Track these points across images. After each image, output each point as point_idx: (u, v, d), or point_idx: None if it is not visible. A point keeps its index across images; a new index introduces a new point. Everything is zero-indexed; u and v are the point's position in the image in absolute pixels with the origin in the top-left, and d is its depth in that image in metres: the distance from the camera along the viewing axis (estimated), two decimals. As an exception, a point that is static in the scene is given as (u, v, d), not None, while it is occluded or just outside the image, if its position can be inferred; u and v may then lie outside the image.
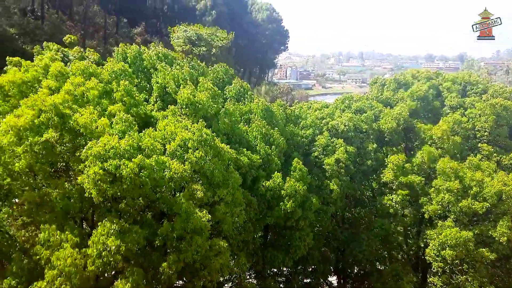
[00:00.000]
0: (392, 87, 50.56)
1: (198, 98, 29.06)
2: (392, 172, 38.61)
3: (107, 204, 20.79)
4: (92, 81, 24.54)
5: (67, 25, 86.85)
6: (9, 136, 18.51)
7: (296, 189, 31.35)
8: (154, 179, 19.99)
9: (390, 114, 42.90)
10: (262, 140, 33.25)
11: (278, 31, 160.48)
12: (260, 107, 35.95)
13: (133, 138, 20.38)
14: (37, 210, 19.48)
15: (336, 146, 39.39)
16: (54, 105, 19.64)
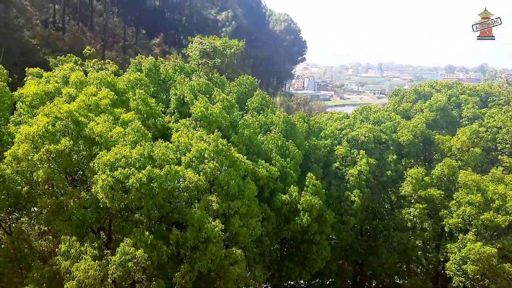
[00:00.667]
0: (411, 98, 50.12)
1: (210, 111, 29.19)
2: (411, 185, 38.02)
3: (124, 214, 20.90)
4: (103, 90, 24.86)
5: (87, 36, 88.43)
6: (24, 145, 18.80)
7: (312, 204, 31.13)
8: (166, 189, 20.00)
9: (407, 126, 42.44)
10: (278, 153, 33.18)
11: (296, 42, 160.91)
12: (281, 119, 35.92)
13: (145, 148, 20.45)
14: (54, 219, 19.64)
15: (356, 157, 39.10)
16: (69, 113, 19.93)
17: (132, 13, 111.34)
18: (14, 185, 19.38)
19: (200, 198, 23.02)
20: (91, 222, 20.07)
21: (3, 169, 18.59)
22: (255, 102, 38.26)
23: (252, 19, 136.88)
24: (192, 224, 21.02)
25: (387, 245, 40.44)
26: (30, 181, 19.59)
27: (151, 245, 19.11)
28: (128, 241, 18.78)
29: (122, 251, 18.57)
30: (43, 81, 26.95)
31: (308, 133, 40.61)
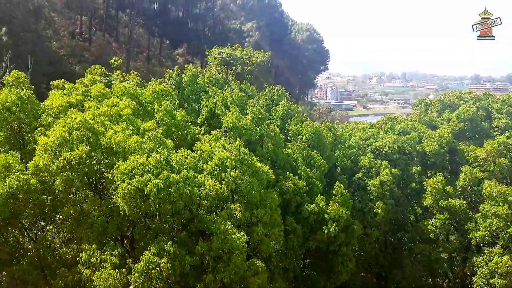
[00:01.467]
0: (437, 109, 49.35)
1: (242, 123, 29.28)
2: (431, 195, 37.28)
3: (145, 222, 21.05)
4: (125, 100, 25.19)
5: (113, 46, 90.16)
6: (44, 156, 19.16)
7: (339, 214, 30.77)
8: (185, 195, 20.00)
9: (433, 136, 41.77)
10: (304, 163, 33.01)
11: (318, 52, 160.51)
12: (309, 130, 35.79)
13: (161, 155, 20.61)
14: (76, 227, 19.87)
15: (380, 168, 38.60)
16: (83, 122, 20.23)
17: (157, 24, 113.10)
18: (39, 195, 19.69)
19: (222, 207, 22.99)
20: (112, 230, 20.23)
21: (28, 179, 18.93)
22: (280, 110, 38.27)
23: (275, 29, 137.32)
24: (217, 234, 20.89)
25: (411, 257, 39.65)
26: (53, 190, 19.87)
27: (174, 254, 19.06)
28: (153, 250, 18.78)
29: (146, 259, 18.56)
30: (66, 93, 27.53)
31: (334, 143, 40.35)
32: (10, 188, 18.22)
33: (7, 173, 19.03)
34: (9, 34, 49.36)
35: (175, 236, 21.46)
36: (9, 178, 18.42)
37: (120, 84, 30.11)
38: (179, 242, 21.16)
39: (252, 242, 23.27)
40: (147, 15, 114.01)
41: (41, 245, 21.17)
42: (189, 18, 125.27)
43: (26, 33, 52.59)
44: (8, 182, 18.29)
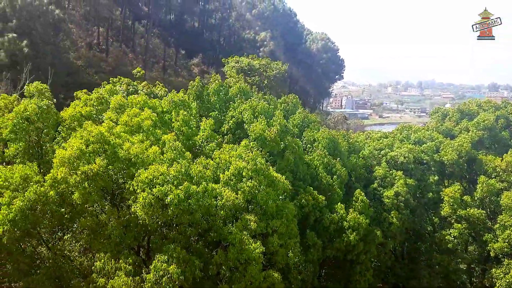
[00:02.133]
0: (455, 117, 48.82)
1: (267, 134, 29.42)
2: (449, 205, 36.78)
3: (161, 232, 21.16)
4: (146, 111, 25.39)
5: (129, 57, 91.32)
6: (62, 169, 19.31)
7: (359, 222, 30.59)
8: (204, 206, 20.03)
9: (451, 146, 41.24)
10: (324, 170, 32.99)
11: (333, 61, 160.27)
12: (325, 137, 35.82)
13: (182, 165, 20.63)
14: (94, 237, 20.02)
15: (395, 178, 38.31)
16: (100, 135, 20.42)
17: (172, 34, 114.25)
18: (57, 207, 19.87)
19: (238, 217, 23.04)
20: (129, 241, 20.31)
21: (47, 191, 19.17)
22: (297, 119, 38.40)
23: (290, 38, 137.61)
24: (233, 244, 20.83)
25: (429, 268, 39.12)
26: (71, 202, 20.08)
27: (183, 260, 19.00)
28: (160, 258, 18.79)
29: (155, 267, 18.60)
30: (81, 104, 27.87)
31: (349, 151, 40.29)
32: (29, 201, 18.42)
33: (25, 184, 19.26)
34: (30, 46, 50.38)
35: (190, 246, 21.51)
36: (28, 191, 18.62)
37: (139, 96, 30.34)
38: (195, 252, 21.21)
39: (267, 252, 23.20)
40: (163, 26, 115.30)
41: (57, 255, 21.38)
42: (204, 29, 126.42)
43: (46, 45, 53.60)
44: (27, 195, 18.50)
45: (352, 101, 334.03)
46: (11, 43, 49.19)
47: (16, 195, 18.78)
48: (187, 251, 20.82)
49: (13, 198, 18.58)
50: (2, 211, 18.33)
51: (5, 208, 18.30)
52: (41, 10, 53.35)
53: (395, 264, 39.53)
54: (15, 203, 18.27)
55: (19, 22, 51.33)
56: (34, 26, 52.23)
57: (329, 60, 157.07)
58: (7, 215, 18.14)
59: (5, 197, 18.69)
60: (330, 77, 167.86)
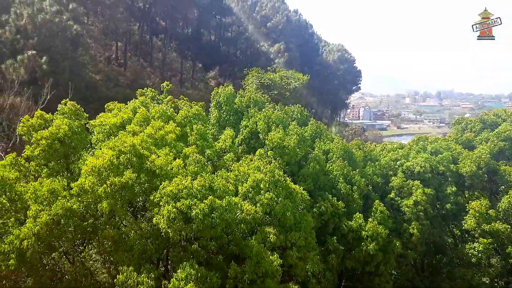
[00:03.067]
0: (477, 128, 48.27)
1: (286, 143, 29.53)
2: (474, 219, 36.30)
3: (182, 245, 21.33)
4: (171, 125, 25.77)
5: (147, 71, 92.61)
6: (90, 178, 19.58)
7: (378, 231, 30.45)
8: (226, 220, 20.11)
9: (470, 157, 40.78)
10: (344, 180, 33.04)
11: (350, 72, 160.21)
12: (339, 147, 35.87)
13: (205, 179, 20.76)
14: (116, 249, 20.27)
15: (412, 188, 38.03)
16: (132, 146, 20.74)
17: (189, 48, 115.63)
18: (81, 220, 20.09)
19: (257, 230, 23.12)
20: (151, 253, 20.51)
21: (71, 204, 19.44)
22: (309, 130, 38.50)
23: (306, 49, 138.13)
24: (250, 257, 20.92)
25: (450, 282, 38.51)
26: (95, 213, 20.33)
27: (201, 277, 19.05)
28: (178, 276, 18.82)
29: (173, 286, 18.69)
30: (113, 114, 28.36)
31: (365, 161, 40.25)
32: (55, 215, 18.68)
33: (52, 198, 19.51)
34: (49, 63, 51.59)
35: (210, 259, 21.60)
36: (54, 205, 18.86)
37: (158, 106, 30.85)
38: (215, 265, 21.31)
39: (286, 265, 23.21)
40: (180, 40, 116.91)
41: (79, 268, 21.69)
42: (221, 42, 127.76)
43: (65, 61, 54.73)
44: (54, 208, 18.75)
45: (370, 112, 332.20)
46: (31, 60, 50.44)
47: (42, 208, 19.05)
48: (207, 264, 20.95)
49: (39, 212, 18.83)
50: (27, 224, 18.57)
51: (31, 221, 18.52)
52: (60, 26, 54.68)
53: (415, 276, 39.01)
54: (41, 217, 18.52)
55: (39, 39, 52.65)
56: (54, 42, 53.49)
57: (346, 71, 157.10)
58: (32, 228, 18.33)
59: (32, 210, 18.92)
60: (347, 88, 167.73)
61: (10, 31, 53.84)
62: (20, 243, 18.36)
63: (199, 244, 20.72)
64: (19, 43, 53.05)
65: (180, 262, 20.15)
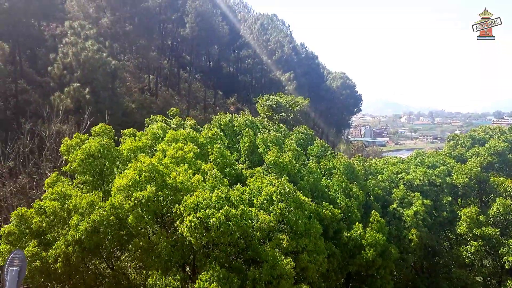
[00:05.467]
0: (467, 143, 47.71)
1: (282, 160, 29.37)
2: (466, 224, 35.68)
3: (204, 251, 21.11)
4: (189, 145, 25.90)
5: (175, 99, 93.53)
6: (119, 196, 19.76)
7: (376, 239, 29.78)
8: (242, 227, 19.95)
9: (462, 170, 40.25)
10: (343, 194, 32.50)
11: (352, 96, 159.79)
12: (342, 163, 35.43)
13: (222, 191, 20.78)
14: (146, 256, 20.19)
15: (412, 199, 37.50)
16: (151, 165, 20.86)
17: (211, 78, 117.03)
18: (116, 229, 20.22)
19: (271, 237, 22.81)
20: (177, 259, 20.41)
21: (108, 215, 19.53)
22: (315, 149, 38.12)
23: (312, 77, 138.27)
24: (266, 261, 20.62)
25: (447, 281, 37.52)
26: (126, 224, 20.40)
27: (223, 278, 18.84)
28: (202, 277, 18.65)
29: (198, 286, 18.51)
30: (137, 138, 28.68)
31: (366, 175, 39.68)
32: (94, 222, 18.86)
33: (91, 209, 19.74)
34: (91, 93, 52.37)
35: (230, 263, 21.33)
36: (93, 214, 19.08)
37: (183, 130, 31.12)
38: (235, 268, 21.03)
39: (298, 268, 22.78)
40: (204, 72, 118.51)
41: (117, 272, 21.62)
42: (239, 72, 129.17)
43: (105, 91, 55.54)
44: (92, 217, 18.95)
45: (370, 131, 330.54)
46: (76, 91, 51.26)
47: (83, 218, 19.30)
48: (228, 268, 20.66)
49: (80, 221, 19.08)
50: (70, 232, 18.85)
51: (74, 229, 18.81)
52: (101, 62, 55.60)
53: (416, 277, 38.14)
54: (82, 225, 18.75)
55: (82, 73, 53.60)
56: (95, 76, 54.37)
57: (348, 95, 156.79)
58: (74, 235, 18.62)
59: (74, 219, 19.24)
60: (349, 110, 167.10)
61: (58, 67, 55.01)
62: (66, 248, 18.56)
63: (219, 249, 20.47)
64: (65, 77, 54.08)
65: (204, 266, 19.96)
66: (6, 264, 14.44)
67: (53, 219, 20.16)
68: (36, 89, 60.60)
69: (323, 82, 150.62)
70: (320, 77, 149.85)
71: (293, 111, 68.47)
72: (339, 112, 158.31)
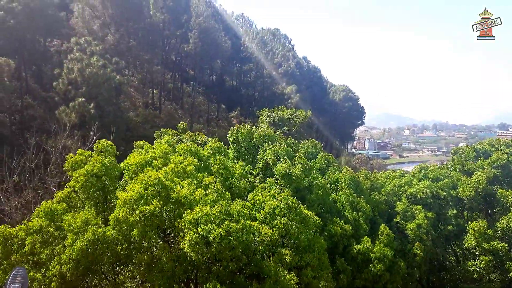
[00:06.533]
0: (471, 156, 47.40)
1: (292, 172, 29.36)
2: (474, 238, 35.11)
3: (207, 266, 20.98)
4: (189, 158, 25.99)
5: (178, 113, 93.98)
6: (123, 209, 19.71)
7: (384, 253, 29.50)
8: (243, 242, 19.83)
9: (468, 182, 39.89)
10: (350, 207, 32.34)
11: (355, 108, 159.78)
12: (347, 176, 35.32)
13: (223, 206, 20.72)
14: (149, 271, 20.07)
15: (415, 212, 37.09)
16: (157, 179, 20.87)
17: (214, 92, 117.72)
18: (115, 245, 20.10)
19: (274, 252, 22.64)
20: (180, 274, 20.26)
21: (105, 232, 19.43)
22: (318, 163, 38.01)
23: (315, 90, 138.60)
24: (269, 276, 20.41)
25: (454, 297, 36.94)
26: (129, 239, 20.33)
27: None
28: None
29: None
30: (144, 152, 28.74)
31: (371, 189, 39.47)
32: (88, 241, 18.76)
33: (85, 227, 19.68)
34: (96, 108, 52.76)
35: (233, 279, 21.16)
36: (87, 233, 19.00)
37: (183, 144, 31.25)
38: (238, 284, 20.85)
39: (302, 283, 22.55)
40: (207, 86, 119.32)
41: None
42: (241, 86, 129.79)
43: (109, 106, 55.94)
44: (86, 236, 18.88)
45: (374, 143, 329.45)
46: (81, 106, 51.65)
47: (78, 237, 19.23)
48: (230, 283, 20.50)
49: (75, 240, 19.02)
50: (66, 251, 18.79)
51: (69, 249, 18.77)
52: (105, 77, 56.12)
53: (422, 292, 37.57)
54: (77, 244, 18.69)
55: (87, 89, 54.06)
56: (100, 91, 54.84)
57: (351, 108, 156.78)
58: (70, 255, 18.57)
59: (69, 239, 19.23)
60: (352, 123, 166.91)
61: (63, 82, 55.54)
62: (61, 268, 18.49)
63: (221, 265, 20.33)
64: (70, 92, 54.55)
65: (206, 282, 19.84)
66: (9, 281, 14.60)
67: (45, 237, 19.90)
68: (41, 104, 61.19)
69: (326, 95, 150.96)
70: (323, 90, 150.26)
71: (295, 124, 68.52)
72: (342, 124, 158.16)
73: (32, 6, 57.09)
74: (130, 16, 76.97)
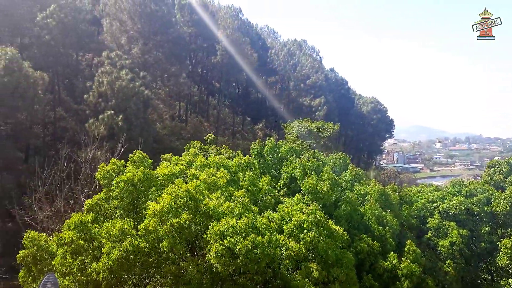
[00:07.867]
0: (504, 170, 46.27)
1: (320, 188, 29.41)
2: (507, 256, 34.03)
3: (232, 278, 21.25)
4: (221, 171, 26.41)
5: (204, 125, 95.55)
6: (153, 220, 20.18)
7: (412, 270, 28.99)
8: (268, 256, 19.96)
9: (502, 197, 38.88)
10: (376, 222, 32.01)
11: (383, 121, 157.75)
12: (376, 191, 35.06)
13: (249, 218, 20.95)
14: (176, 282, 20.44)
15: (448, 229, 36.29)
16: (187, 191, 21.33)
17: (240, 104, 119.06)
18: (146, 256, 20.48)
19: (300, 266, 22.68)
20: (206, 286, 20.60)
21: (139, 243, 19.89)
22: (348, 175, 37.92)
23: (342, 102, 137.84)
24: (295, 291, 20.58)
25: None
26: (158, 250, 20.81)
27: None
28: None
29: None
30: (172, 164, 29.49)
31: (400, 203, 38.90)
32: (125, 251, 19.20)
33: (122, 237, 20.12)
34: (125, 121, 54.36)
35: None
36: (124, 243, 19.40)
37: (215, 157, 31.91)
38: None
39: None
40: (232, 98, 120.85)
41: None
42: (266, 98, 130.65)
43: (137, 119, 57.50)
44: (123, 246, 19.31)
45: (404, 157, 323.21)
46: (110, 118, 53.35)
47: (114, 245, 19.71)
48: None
49: (112, 248, 19.48)
50: (102, 259, 19.25)
51: (105, 257, 19.20)
52: (134, 91, 57.87)
53: (455, 312, 36.42)
54: (113, 253, 19.14)
55: (116, 101, 55.84)
56: (129, 104, 56.51)
57: (379, 120, 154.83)
58: (106, 263, 19.00)
59: (106, 247, 19.65)
60: (381, 135, 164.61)
61: (93, 95, 57.62)
62: (96, 276, 18.98)
63: (246, 277, 20.53)
64: (100, 105, 56.49)
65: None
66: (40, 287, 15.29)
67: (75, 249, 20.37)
68: (73, 116, 63.58)
69: (353, 107, 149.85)
70: (350, 102, 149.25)
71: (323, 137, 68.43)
72: (370, 137, 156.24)
73: (66, 21, 59.78)
74: (157, 30, 79.24)
